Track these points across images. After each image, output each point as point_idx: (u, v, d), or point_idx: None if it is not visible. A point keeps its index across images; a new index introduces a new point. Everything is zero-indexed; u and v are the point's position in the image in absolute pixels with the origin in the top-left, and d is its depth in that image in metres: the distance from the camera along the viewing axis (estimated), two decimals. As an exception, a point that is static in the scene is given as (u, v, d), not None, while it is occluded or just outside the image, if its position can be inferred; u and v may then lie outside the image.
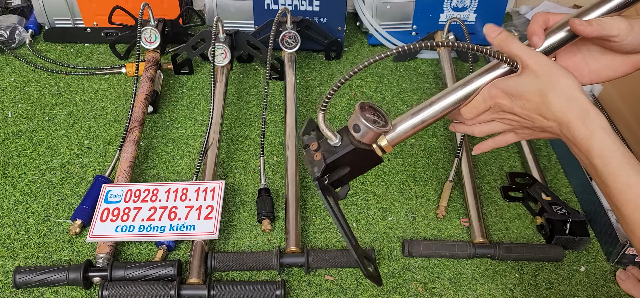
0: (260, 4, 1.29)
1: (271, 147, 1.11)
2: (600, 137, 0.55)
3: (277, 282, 0.83)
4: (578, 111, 0.56)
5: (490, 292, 0.86)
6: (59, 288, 0.85)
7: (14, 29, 1.34)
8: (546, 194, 0.96)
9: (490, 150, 0.74)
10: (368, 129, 0.62)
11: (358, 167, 0.68)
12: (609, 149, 0.55)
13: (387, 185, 1.04)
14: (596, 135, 0.55)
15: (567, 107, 0.56)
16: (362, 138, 0.64)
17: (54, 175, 1.03)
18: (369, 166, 0.68)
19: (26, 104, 1.19)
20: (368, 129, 0.62)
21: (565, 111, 0.56)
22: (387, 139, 0.64)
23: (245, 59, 1.34)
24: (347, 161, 0.66)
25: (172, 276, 0.84)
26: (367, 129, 0.62)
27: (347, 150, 0.64)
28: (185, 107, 1.21)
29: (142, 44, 1.22)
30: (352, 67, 0.64)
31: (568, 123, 0.56)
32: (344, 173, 0.67)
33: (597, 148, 0.55)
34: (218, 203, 0.92)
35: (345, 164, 0.66)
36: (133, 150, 1.03)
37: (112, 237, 0.88)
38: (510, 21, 1.48)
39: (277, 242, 0.93)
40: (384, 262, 0.90)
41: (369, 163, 0.68)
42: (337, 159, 0.65)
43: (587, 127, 0.55)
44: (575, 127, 0.56)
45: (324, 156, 0.65)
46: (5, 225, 0.94)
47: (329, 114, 1.19)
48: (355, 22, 1.46)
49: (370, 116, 0.63)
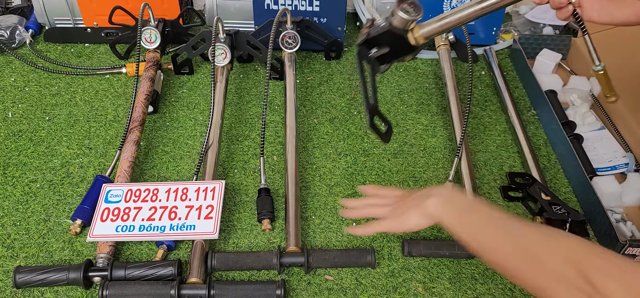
0: (260, 4, 1.29)
1: (271, 147, 1.12)
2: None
3: (277, 281, 0.83)
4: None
5: (490, 291, 0.86)
6: (59, 288, 0.85)
7: (14, 29, 1.34)
8: (546, 194, 0.96)
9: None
10: (399, 15, 0.78)
11: (396, 49, 0.83)
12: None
13: (387, 185, 1.04)
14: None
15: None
16: (396, 22, 0.80)
17: (55, 175, 1.04)
18: (405, 51, 0.84)
19: (26, 104, 1.20)
20: (399, 15, 0.78)
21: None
22: (420, 32, 0.80)
23: (245, 59, 1.34)
24: (385, 40, 0.82)
25: (172, 276, 0.84)
26: (399, 15, 0.78)
27: (384, 29, 0.81)
28: (186, 107, 1.21)
29: (142, 44, 1.22)
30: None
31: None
32: (386, 51, 0.83)
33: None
34: (218, 203, 0.92)
35: (384, 43, 0.83)
36: (133, 150, 1.03)
37: (112, 236, 0.88)
38: (510, 21, 1.48)
39: (277, 242, 0.93)
40: (383, 261, 0.90)
41: (404, 48, 0.83)
42: (377, 35, 0.82)
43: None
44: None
45: (369, 33, 0.83)
46: (6, 224, 0.95)
47: (328, 114, 1.19)
48: (355, 22, 1.46)
49: (406, 6, 0.78)
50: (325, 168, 1.07)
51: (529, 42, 1.33)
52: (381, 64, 0.85)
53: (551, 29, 1.41)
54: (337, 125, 1.17)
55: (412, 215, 0.74)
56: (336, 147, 1.12)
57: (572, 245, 0.57)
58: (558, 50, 1.31)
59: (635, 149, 1.08)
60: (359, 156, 1.10)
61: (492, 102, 1.24)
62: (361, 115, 1.19)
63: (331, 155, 1.10)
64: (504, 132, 1.16)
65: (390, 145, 1.12)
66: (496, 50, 1.37)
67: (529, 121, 1.19)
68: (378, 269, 0.89)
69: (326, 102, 1.23)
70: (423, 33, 0.80)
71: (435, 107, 1.22)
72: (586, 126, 1.13)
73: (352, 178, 1.05)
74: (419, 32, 0.80)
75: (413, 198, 0.76)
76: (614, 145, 1.10)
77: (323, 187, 1.03)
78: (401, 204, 0.77)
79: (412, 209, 0.74)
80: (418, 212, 0.73)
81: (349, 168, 1.07)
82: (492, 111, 1.22)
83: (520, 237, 0.62)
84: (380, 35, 0.82)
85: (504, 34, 1.44)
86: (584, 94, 1.19)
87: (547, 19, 1.43)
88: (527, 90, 1.26)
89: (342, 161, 1.09)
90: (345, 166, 1.08)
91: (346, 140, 1.13)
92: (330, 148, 1.12)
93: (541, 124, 1.18)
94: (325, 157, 1.10)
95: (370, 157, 1.10)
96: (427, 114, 1.20)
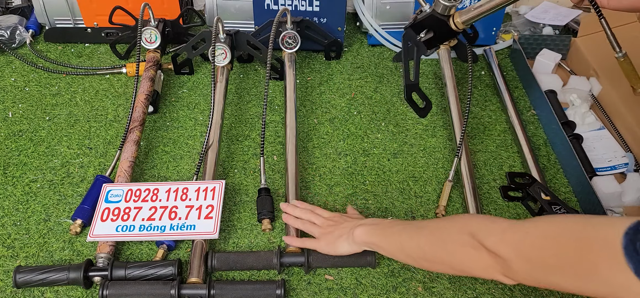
0: (260, 4, 1.29)
1: (271, 147, 1.12)
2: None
3: (277, 281, 0.84)
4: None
5: (490, 291, 0.87)
6: (59, 288, 0.85)
7: (14, 29, 1.34)
8: (545, 194, 0.97)
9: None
10: (440, 1, 0.89)
11: (440, 34, 0.94)
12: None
13: (387, 184, 1.04)
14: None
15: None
16: (438, 8, 0.90)
17: (55, 175, 1.04)
18: (448, 36, 0.94)
19: (27, 104, 1.20)
20: (440, 1, 0.89)
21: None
22: (460, 18, 0.90)
23: (246, 59, 1.34)
24: (429, 25, 0.93)
25: (172, 275, 0.84)
26: (440, 1, 0.89)
27: (428, 14, 0.92)
28: (186, 107, 1.21)
29: (142, 44, 1.22)
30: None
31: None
32: (431, 36, 0.94)
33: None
34: (218, 203, 0.92)
35: (429, 27, 0.93)
36: (133, 150, 1.03)
37: (112, 236, 0.89)
38: (509, 21, 1.48)
39: (277, 242, 0.93)
40: (383, 261, 0.90)
41: (447, 33, 0.93)
42: (422, 20, 0.93)
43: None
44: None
45: (415, 18, 0.94)
46: (6, 224, 0.95)
47: (328, 114, 1.20)
48: (355, 22, 1.46)
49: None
50: (325, 168, 1.07)
51: (529, 42, 1.33)
52: (428, 48, 0.95)
53: (551, 29, 1.41)
54: (337, 125, 1.17)
55: (342, 243, 0.83)
56: (336, 147, 1.12)
57: (463, 219, 0.71)
58: (558, 50, 1.31)
59: (635, 148, 1.08)
60: (358, 156, 1.10)
61: (491, 102, 1.24)
62: (361, 115, 1.19)
63: (331, 155, 1.10)
64: (504, 132, 1.16)
65: (390, 145, 1.12)
66: (496, 51, 1.37)
67: (528, 121, 1.19)
68: (378, 269, 0.89)
69: (326, 102, 1.23)
70: (463, 19, 0.90)
71: (435, 107, 1.22)
72: (586, 126, 1.13)
73: (352, 178, 1.05)
74: (458, 18, 0.91)
75: (343, 227, 0.84)
76: (614, 145, 1.10)
77: (323, 187, 1.03)
78: (332, 230, 0.85)
79: (342, 238, 0.83)
80: (348, 241, 0.82)
81: (348, 168, 1.07)
82: (492, 111, 1.22)
83: (431, 228, 0.75)
84: (425, 20, 0.92)
85: (503, 34, 1.44)
86: (583, 94, 1.19)
87: (546, 19, 1.43)
88: (526, 90, 1.26)
89: (342, 161, 1.09)
90: (345, 166, 1.08)
91: (346, 140, 1.13)
92: (330, 148, 1.12)
93: (541, 124, 1.18)
94: (325, 157, 1.10)
95: (370, 157, 1.10)
96: (427, 114, 1.21)
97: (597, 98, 1.20)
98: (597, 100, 1.19)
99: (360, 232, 0.81)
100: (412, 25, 0.94)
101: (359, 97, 1.25)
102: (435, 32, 0.93)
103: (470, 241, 0.66)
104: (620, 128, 1.12)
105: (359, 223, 0.82)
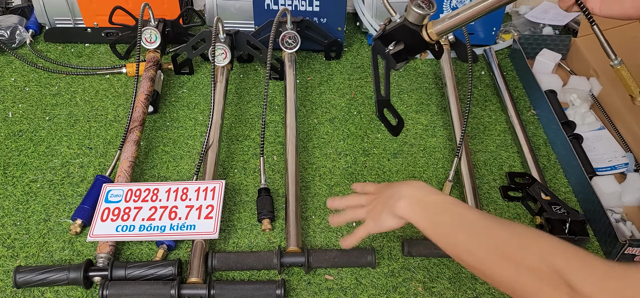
0: (260, 4, 1.29)
1: (271, 147, 1.12)
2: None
3: (277, 281, 0.84)
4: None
5: (490, 291, 0.87)
6: (59, 288, 0.85)
7: (14, 29, 1.34)
8: (545, 194, 0.97)
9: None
10: (413, 10, 0.79)
11: (411, 45, 0.84)
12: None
13: (387, 185, 1.04)
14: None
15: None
16: (410, 17, 0.80)
17: (55, 175, 1.04)
18: (420, 48, 0.84)
19: (27, 104, 1.20)
20: (413, 10, 0.79)
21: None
22: (434, 28, 0.81)
23: (246, 59, 1.34)
24: (400, 36, 0.83)
25: (172, 275, 0.84)
26: (413, 10, 0.79)
27: (398, 24, 0.82)
28: (186, 107, 1.21)
29: (142, 44, 1.22)
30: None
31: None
32: (401, 48, 0.84)
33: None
34: (218, 203, 0.92)
35: (399, 39, 0.84)
36: (133, 150, 1.03)
37: (112, 236, 0.89)
38: (509, 21, 1.48)
39: (277, 242, 0.93)
40: (383, 261, 0.90)
41: (419, 45, 0.83)
42: (392, 31, 0.83)
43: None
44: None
45: (385, 28, 0.84)
46: (6, 224, 0.95)
47: (328, 114, 1.20)
48: (355, 22, 1.46)
49: (419, 2, 0.79)
50: (325, 168, 1.07)
51: (529, 42, 1.33)
52: (397, 61, 0.85)
53: (551, 29, 1.41)
54: (337, 125, 1.17)
55: (386, 218, 0.74)
56: (336, 147, 1.12)
57: (547, 244, 0.57)
58: (558, 50, 1.31)
59: (635, 148, 1.08)
60: (358, 156, 1.10)
61: (491, 102, 1.24)
62: (361, 115, 1.19)
63: (331, 155, 1.10)
64: (504, 132, 1.16)
65: (390, 145, 1.12)
66: (496, 50, 1.37)
67: (528, 121, 1.19)
68: (378, 269, 0.89)
69: (326, 102, 1.23)
70: (437, 29, 0.81)
71: (435, 107, 1.22)
72: (586, 126, 1.13)
73: (352, 178, 1.05)
74: (432, 28, 0.81)
75: (384, 197, 0.75)
76: (614, 145, 1.10)
77: (323, 186, 1.03)
78: (376, 204, 0.77)
79: (385, 212, 0.74)
80: (390, 214, 0.73)
81: (348, 168, 1.07)
82: (492, 111, 1.22)
83: (493, 237, 0.61)
84: (395, 31, 0.83)
85: (503, 34, 1.44)
86: (583, 93, 1.19)
87: (546, 19, 1.43)
88: (526, 90, 1.26)
89: (342, 161, 1.09)
90: (345, 166, 1.08)
91: (346, 140, 1.13)
92: (330, 148, 1.12)
93: (541, 124, 1.18)
94: (325, 157, 1.10)
95: (370, 157, 1.10)
96: (427, 114, 1.21)
97: (597, 98, 1.20)
98: (597, 100, 1.19)
99: (403, 206, 0.71)
100: (381, 37, 0.85)
101: (359, 97, 1.25)
102: (406, 44, 0.84)
103: (551, 277, 0.54)
104: (620, 128, 1.12)
105: (402, 194, 0.72)
